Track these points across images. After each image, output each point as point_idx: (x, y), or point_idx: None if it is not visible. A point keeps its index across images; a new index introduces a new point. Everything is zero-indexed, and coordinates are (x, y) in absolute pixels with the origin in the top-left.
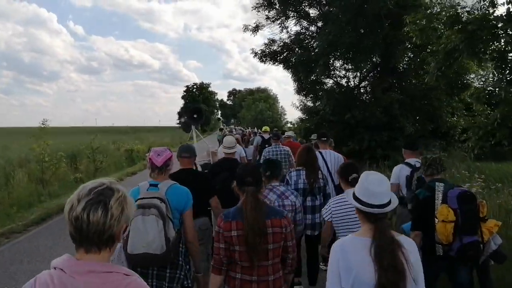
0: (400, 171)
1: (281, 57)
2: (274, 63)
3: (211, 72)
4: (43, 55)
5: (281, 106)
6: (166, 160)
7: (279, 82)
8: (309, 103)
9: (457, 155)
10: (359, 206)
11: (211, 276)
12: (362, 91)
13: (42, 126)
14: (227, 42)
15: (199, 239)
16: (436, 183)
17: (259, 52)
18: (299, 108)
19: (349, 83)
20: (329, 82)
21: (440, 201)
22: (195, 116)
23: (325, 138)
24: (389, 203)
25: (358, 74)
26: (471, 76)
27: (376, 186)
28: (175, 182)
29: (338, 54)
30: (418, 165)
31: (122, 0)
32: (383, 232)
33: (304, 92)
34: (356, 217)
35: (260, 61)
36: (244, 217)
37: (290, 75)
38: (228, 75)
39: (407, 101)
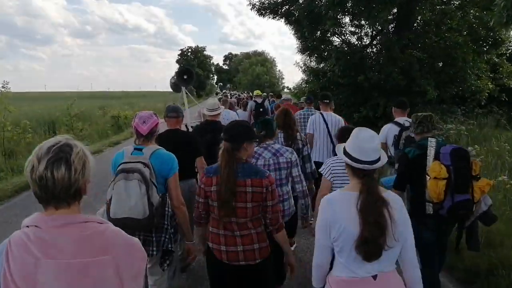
0: (389, 130)
1: (283, 10)
2: (275, 17)
3: (207, 36)
4: (36, 18)
5: (279, 70)
6: (152, 127)
7: (276, 46)
8: (313, 64)
9: (487, 123)
10: (349, 161)
11: (195, 228)
12: (375, 50)
13: (2, 89)
14: (223, 5)
15: (188, 202)
16: (429, 138)
17: (257, 3)
18: (303, 69)
19: (362, 41)
20: (337, 40)
21: (432, 158)
22: (185, 77)
23: (328, 101)
24: (378, 159)
25: (370, 30)
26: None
27: (367, 142)
28: (160, 147)
29: (349, 4)
30: (407, 124)
31: None
32: (370, 188)
33: (308, 52)
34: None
35: (259, 15)
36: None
37: (292, 32)
38: (224, 39)
39: (429, 61)
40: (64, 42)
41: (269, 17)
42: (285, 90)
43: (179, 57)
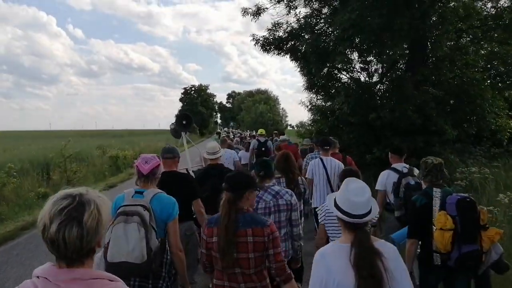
0: (388, 177)
1: (288, 46)
2: (280, 53)
3: (210, 75)
4: (42, 58)
5: (282, 108)
6: (153, 168)
7: (278, 85)
8: (320, 102)
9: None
10: (339, 215)
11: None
12: (385, 88)
13: None
14: (226, 45)
15: (185, 245)
16: (434, 188)
17: (261, 39)
18: (309, 107)
19: (371, 77)
20: (345, 77)
21: (438, 208)
22: (184, 122)
23: (328, 147)
24: (368, 212)
25: (380, 67)
26: None
27: (356, 196)
28: (161, 191)
29: (359, 39)
30: (405, 170)
31: (121, 3)
32: (361, 240)
33: (315, 89)
34: None
35: (263, 51)
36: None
37: (298, 69)
38: (227, 78)
39: (445, 98)
40: (70, 81)
41: (274, 53)
42: (289, 128)
43: (183, 96)
